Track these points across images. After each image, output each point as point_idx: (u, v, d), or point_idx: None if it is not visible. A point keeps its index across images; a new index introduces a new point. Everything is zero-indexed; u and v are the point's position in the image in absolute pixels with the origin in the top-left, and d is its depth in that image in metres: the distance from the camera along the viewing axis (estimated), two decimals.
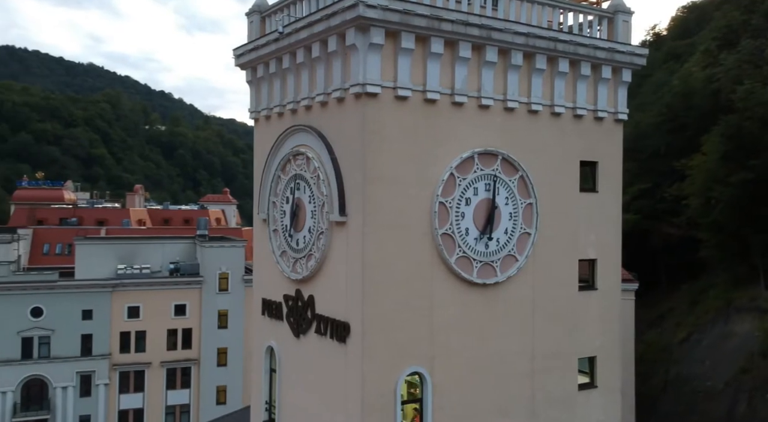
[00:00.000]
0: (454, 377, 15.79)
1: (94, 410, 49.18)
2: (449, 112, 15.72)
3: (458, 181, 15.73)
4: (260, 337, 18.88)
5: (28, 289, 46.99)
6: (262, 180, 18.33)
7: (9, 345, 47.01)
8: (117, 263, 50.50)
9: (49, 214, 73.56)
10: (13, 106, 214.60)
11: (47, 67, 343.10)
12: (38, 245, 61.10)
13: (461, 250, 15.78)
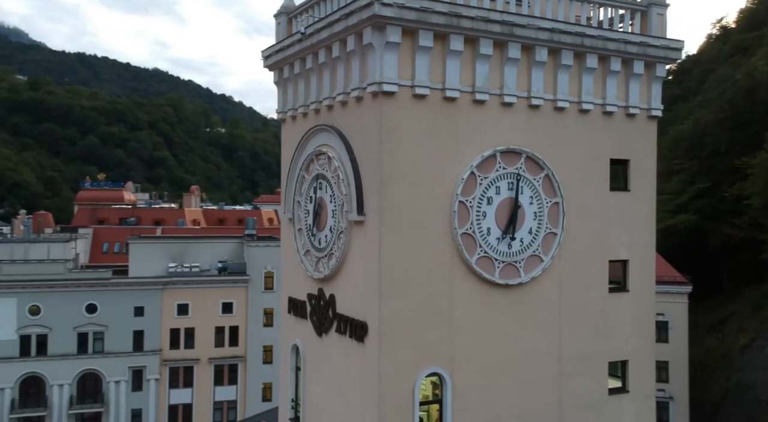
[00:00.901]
0: (475, 379, 15.58)
1: (145, 404, 50.80)
2: (470, 110, 15.52)
3: (479, 180, 15.52)
4: (286, 335, 19.12)
5: (83, 286, 48.95)
6: (288, 180, 18.55)
7: (66, 340, 49.08)
8: (168, 262, 52.03)
9: (109, 214, 76.43)
10: (82, 111, 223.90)
11: (115, 73, 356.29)
12: (98, 244, 63.55)
13: (482, 250, 15.56)
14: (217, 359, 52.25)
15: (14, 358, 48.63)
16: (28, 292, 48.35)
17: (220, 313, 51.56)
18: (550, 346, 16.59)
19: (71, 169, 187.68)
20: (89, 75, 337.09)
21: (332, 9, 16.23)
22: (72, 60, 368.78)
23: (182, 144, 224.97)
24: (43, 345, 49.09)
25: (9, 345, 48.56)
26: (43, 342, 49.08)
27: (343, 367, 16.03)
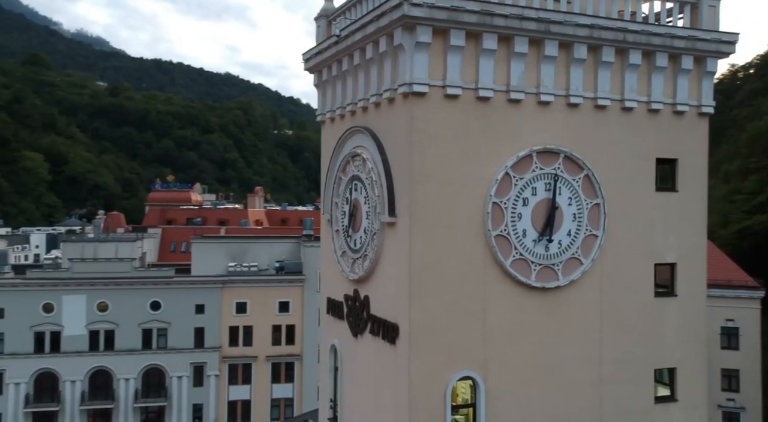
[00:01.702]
0: (510, 383, 15.31)
1: (206, 399, 52.32)
2: (504, 110, 15.26)
3: (514, 181, 15.23)
4: (326, 336, 19.29)
5: (148, 284, 50.90)
6: (326, 181, 18.72)
7: (131, 336, 51.14)
8: (228, 261, 53.41)
9: (177, 215, 79.20)
10: (157, 115, 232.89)
11: (189, 78, 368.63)
12: (166, 243, 65.93)
13: (518, 252, 15.26)
14: (274, 357, 53.28)
15: (84, 352, 51.05)
16: (97, 289, 50.70)
17: (276, 312, 52.57)
18: (590, 351, 16.11)
19: (147, 171, 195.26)
20: (165, 80, 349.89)
21: (366, 11, 16.27)
22: (149, 66, 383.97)
23: (251, 146, 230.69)
24: (111, 341, 51.34)
25: (79, 340, 51.03)
26: (111, 338, 51.33)
27: (376, 369, 16.04)
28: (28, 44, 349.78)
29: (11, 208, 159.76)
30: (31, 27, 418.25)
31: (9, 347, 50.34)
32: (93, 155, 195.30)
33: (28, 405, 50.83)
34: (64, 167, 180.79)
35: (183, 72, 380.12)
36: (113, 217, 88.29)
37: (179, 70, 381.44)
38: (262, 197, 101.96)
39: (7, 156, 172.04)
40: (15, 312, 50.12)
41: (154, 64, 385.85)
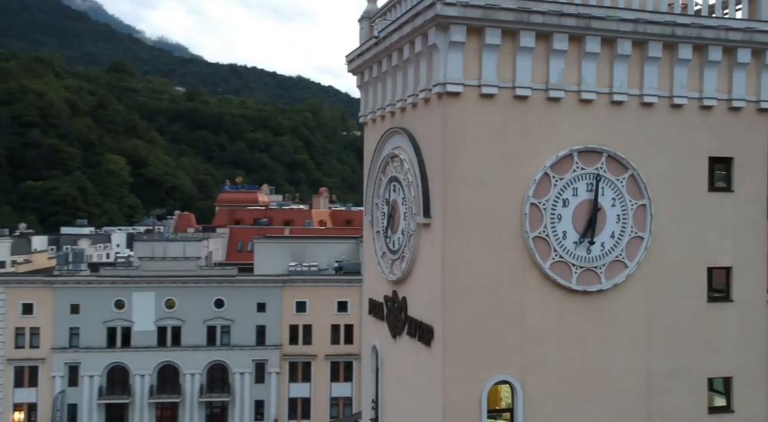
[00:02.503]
0: (550, 389, 14.93)
1: (267, 396, 53.44)
2: (543, 109, 14.90)
3: (554, 182, 14.85)
4: (367, 336, 19.38)
5: (212, 283, 52.52)
6: (367, 182, 18.79)
7: (197, 333, 52.85)
8: (289, 260, 54.41)
9: (245, 215, 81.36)
10: (231, 118, 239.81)
11: (262, 81, 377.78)
12: (234, 243, 67.83)
13: (557, 255, 14.87)
14: (333, 356, 53.88)
15: (152, 347, 53.17)
16: (165, 287, 52.72)
17: (335, 311, 53.12)
18: (637, 358, 15.51)
19: (221, 172, 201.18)
20: (240, 84, 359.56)
21: (404, 11, 16.23)
22: (225, 71, 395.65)
23: (320, 147, 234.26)
24: (177, 337, 53.24)
25: (148, 336, 53.16)
26: (177, 334, 53.24)
27: (413, 371, 15.98)
28: (113, 52, 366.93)
29: (95, 209, 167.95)
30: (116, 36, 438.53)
31: (84, 341, 53.03)
32: (171, 158, 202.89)
33: (101, 397, 53.34)
34: (144, 170, 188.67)
35: (257, 76, 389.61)
36: (184, 217, 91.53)
37: (253, 74, 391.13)
38: (327, 198, 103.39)
39: (92, 159, 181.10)
40: (89, 308, 52.76)
41: (230, 68, 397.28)
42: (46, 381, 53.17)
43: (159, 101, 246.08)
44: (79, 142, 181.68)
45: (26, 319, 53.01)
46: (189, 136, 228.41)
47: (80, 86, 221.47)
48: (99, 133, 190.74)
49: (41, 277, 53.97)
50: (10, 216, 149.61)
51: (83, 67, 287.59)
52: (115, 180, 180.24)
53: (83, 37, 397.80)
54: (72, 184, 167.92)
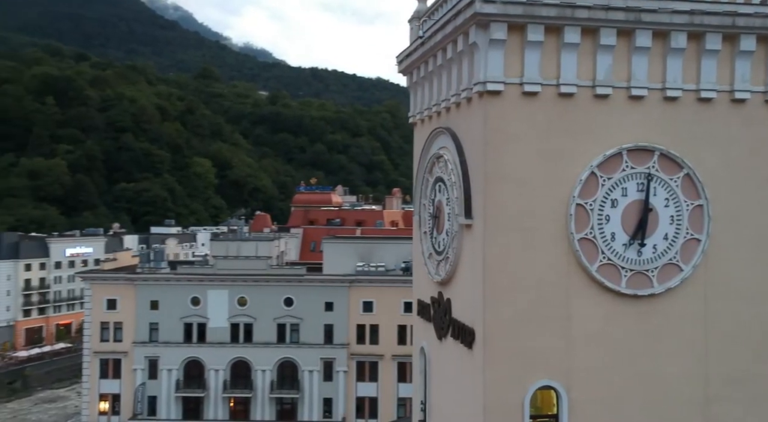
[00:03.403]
0: (598, 396, 14.43)
1: (335, 394, 54.19)
2: (590, 106, 14.41)
3: (601, 181, 14.34)
4: (416, 337, 19.32)
5: (282, 282, 53.75)
6: (416, 183, 18.76)
7: (267, 330, 54.24)
8: (357, 261, 54.95)
9: (318, 215, 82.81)
10: (311, 121, 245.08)
11: (342, 84, 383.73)
12: (307, 243, 69.23)
13: (605, 257, 14.36)
14: (400, 356, 53.90)
15: (226, 343, 55.01)
16: (237, 285, 54.46)
17: (402, 312, 53.09)
18: (694, 366, 14.75)
19: (301, 173, 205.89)
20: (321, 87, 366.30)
21: (447, 10, 16.11)
22: (306, 74, 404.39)
23: (397, 148, 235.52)
24: (249, 333, 54.90)
25: (222, 332, 55.06)
26: (249, 331, 54.89)
27: (456, 373, 15.83)
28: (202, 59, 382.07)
29: (183, 209, 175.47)
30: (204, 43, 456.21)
31: (162, 336, 55.52)
32: (253, 160, 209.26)
33: (179, 390, 55.65)
34: (228, 171, 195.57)
35: (337, 78, 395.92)
36: (260, 218, 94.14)
37: (333, 77, 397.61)
38: (401, 198, 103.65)
39: (180, 162, 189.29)
40: (168, 304, 55.19)
41: (311, 72, 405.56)
42: (128, 373, 56.02)
43: (243, 105, 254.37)
44: (168, 145, 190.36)
45: (110, 314, 56.12)
46: (271, 138, 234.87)
47: (170, 92, 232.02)
48: (187, 136, 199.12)
49: (124, 274, 56.90)
50: (105, 216, 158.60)
51: (174, 73, 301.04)
52: (201, 181, 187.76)
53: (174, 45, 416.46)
54: (162, 185, 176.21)
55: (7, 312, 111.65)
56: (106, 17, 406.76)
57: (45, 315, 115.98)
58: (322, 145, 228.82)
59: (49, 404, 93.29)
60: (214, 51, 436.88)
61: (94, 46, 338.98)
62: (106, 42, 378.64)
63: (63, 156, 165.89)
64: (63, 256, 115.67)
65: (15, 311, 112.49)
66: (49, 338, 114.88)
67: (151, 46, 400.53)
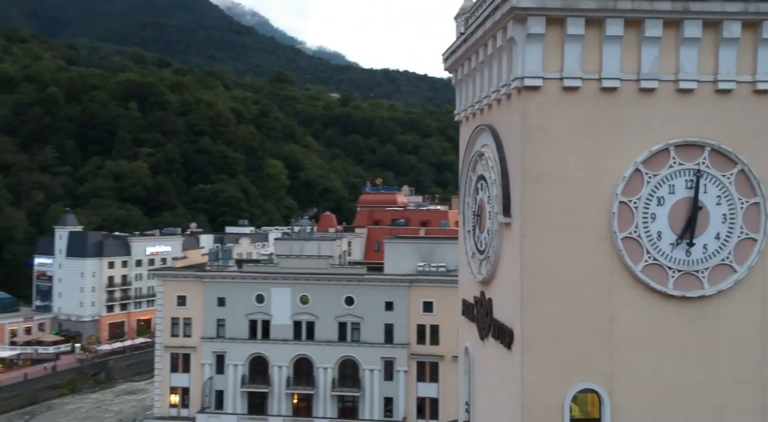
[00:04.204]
0: (642, 401, 13.90)
1: (396, 393, 54.18)
2: (634, 100, 13.91)
3: (646, 178, 13.82)
4: (461, 337, 19.15)
5: (342, 281, 54.23)
6: (460, 181, 18.60)
7: (329, 328, 54.88)
8: (418, 261, 54.83)
9: (384, 216, 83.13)
10: (381, 122, 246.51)
11: (414, 85, 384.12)
12: (371, 242, 69.65)
13: (651, 257, 13.81)
14: None
15: (289, 340, 56.04)
16: (299, 283, 55.36)
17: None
18: (749, 373, 13.99)
19: (370, 174, 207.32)
20: (392, 88, 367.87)
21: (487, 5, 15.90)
22: (378, 76, 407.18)
23: None
24: (311, 331, 55.68)
25: (285, 329, 56.10)
26: (311, 329, 55.68)
27: (497, 374, 15.58)
28: (276, 63, 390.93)
29: (256, 210, 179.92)
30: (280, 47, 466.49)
31: (229, 332, 57.10)
32: (324, 161, 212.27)
33: (244, 385, 57.08)
34: (300, 173, 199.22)
35: (408, 79, 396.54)
36: (325, 218, 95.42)
37: (405, 78, 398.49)
38: None
39: (254, 164, 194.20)
40: (234, 301, 56.72)
41: (383, 73, 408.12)
42: (197, 367, 57.89)
43: (315, 107, 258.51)
44: (243, 147, 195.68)
45: (180, 310, 58.21)
46: (341, 139, 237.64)
47: (245, 96, 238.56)
48: (260, 139, 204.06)
49: (192, 272, 58.88)
50: (183, 216, 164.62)
51: (250, 78, 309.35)
52: (274, 183, 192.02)
53: (251, 50, 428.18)
54: (237, 186, 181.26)
55: (92, 308, 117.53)
56: (187, 25, 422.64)
57: (126, 310, 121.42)
58: (392, 145, 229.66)
59: (129, 396, 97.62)
60: (288, 55, 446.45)
61: (176, 53, 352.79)
62: (187, 49, 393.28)
63: (145, 158, 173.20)
64: (143, 254, 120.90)
65: (99, 306, 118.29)
66: (130, 333, 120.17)
67: (229, 51, 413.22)
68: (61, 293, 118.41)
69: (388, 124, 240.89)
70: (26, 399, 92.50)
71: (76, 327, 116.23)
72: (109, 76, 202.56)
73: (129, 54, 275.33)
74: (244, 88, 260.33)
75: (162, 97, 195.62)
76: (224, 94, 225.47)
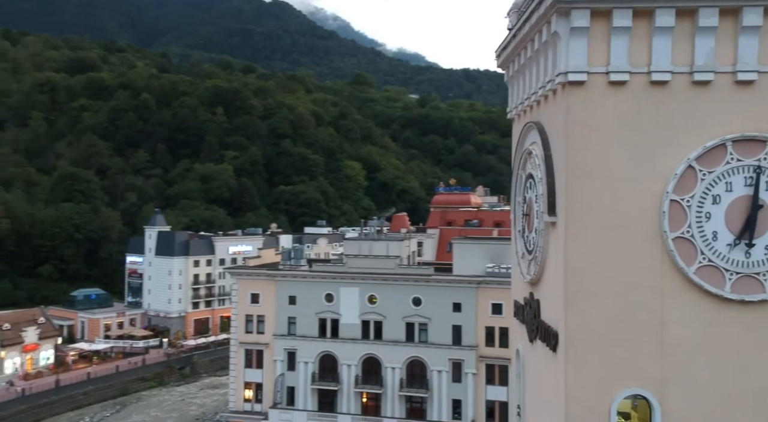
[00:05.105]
0: (696, 410, 13.23)
1: (464, 396, 53.53)
2: (687, 94, 13.25)
3: (700, 175, 13.15)
4: (512, 340, 18.77)
5: (409, 281, 54.09)
6: (512, 179, 18.26)
7: (396, 328, 54.88)
8: (487, 262, 54.02)
9: (457, 216, 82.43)
10: (460, 122, 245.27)
11: (495, 84, 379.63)
12: (443, 243, 69.24)
13: (706, 258, 13.13)
14: None
15: (357, 340, 56.46)
16: (367, 283, 55.73)
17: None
18: None
19: (448, 175, 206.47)
20: (472, 88, 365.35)
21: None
22: (458, 76, 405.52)
23: None
24: (379, 331, 55.88)
25: (354, 328, 56.58)
26: (379, 328, 55.87)
27: (543, 378, 15.21)
28: (357, 66, 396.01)
29: (335, 211, 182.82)
30: (360, 50, 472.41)
31: (300, 330, 58.18)
32: (401, 162, 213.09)
33: (314, 382, 57.96)
34: (378, 174, 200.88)
35: (488, 78, 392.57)
36: (398, 219, 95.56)
37: (485, 77, 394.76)
38: None
39: (333, 165, 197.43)
40: (304, 300, 57.75)
41: (463, 73, 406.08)
42: (270, 364, 59.31)
43: (393, 109, 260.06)
44: (322, 149, 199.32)
45: (254, 307, 59.87)
46: (419, 140, 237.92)
47: (325, 99, 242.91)
48: (339, 141, 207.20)
49: (265, 271, 60.41)
50: (265, 216, 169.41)
51: (330, 81, 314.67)
52: (352, 184, 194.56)
53: (333, 53, 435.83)
54: (316, 188, 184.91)
55: (179, 304, 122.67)
56: (272, 31, 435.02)
57: (210, 307, 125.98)
58: (470, 146, 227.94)
59: (212, 390, 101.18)
60: (369, 57, 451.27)
61: (262, 59, 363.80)
62: (272, 54, 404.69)
63: (230, 161, 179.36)
64: (226, 254, 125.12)
65: (185, 303, 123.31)
66: (214, 329, 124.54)
67: (312, 55, 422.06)
68: (151, 290, 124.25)
69: (467, 124, 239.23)
70: (118, 391, 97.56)
71: (164, 323, 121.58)
72: (197, 83, 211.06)
73: (217, 61, 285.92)
74: (324, 91, 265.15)
75: (246, 101, 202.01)
76: (305, 98, 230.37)
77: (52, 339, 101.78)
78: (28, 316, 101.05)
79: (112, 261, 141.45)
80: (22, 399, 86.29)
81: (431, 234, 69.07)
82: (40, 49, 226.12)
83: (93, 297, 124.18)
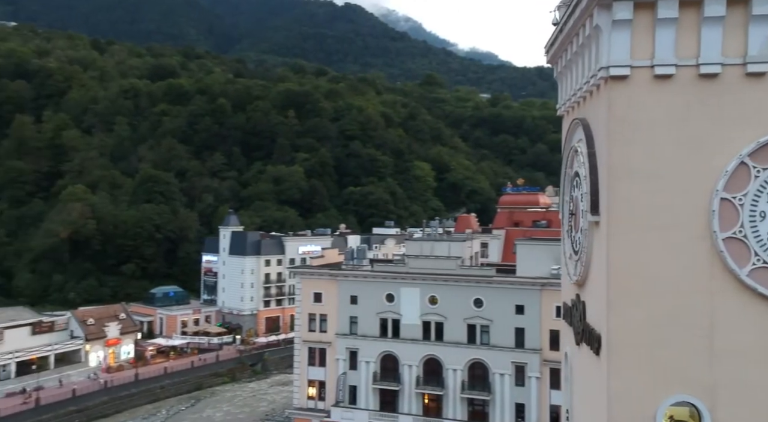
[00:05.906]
0: (749, 418, 12.58)
1: (527, 400, 52.28)
2: (739, 87, 12.62)
3: (754, 173, 12.51)
4: (562, 342, 18.30)
5: (471, 282, 53.34)
6: (561, 178, 17.82)
7: (457, 330, 54.25)
8: (552, 263, 52.62)
9: (524, 217, 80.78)
10: (533, 121, 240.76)
11: None
12: (509, 244, 68.01)
13: (760, 260, 12.49)
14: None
15: (418, 340, 56.17)
16: (428, 284, 55.36)
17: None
18: None
19: (519, 175, 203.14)
20: (546, 86, 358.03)
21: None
22: (531, 74, 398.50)
23: None
24: (440, 332, 55.36)
25: (415, 329, 56.30)
26: (440, 329, 55.35)
27: (588, 382, 14.78)
28: (428, 66, 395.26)
29: (403, 211, 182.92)
30: (431, 51, 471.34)
31: (361, 329, 58.39)
32: (471, 163, 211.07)
33: (376, 381, 58.03)
34: (447, 174, 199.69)
35: None
36: (463, 219, 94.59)
37: None
38: None
39: (402, 166, 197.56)
40: (366, 299, 57.94)
41: (537, 71, 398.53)
42: (332, 362, 59.84)
43: (464, 109, 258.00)
44: (391, 150, 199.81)
45: (317, 306, 60.57)
46: (490, 140, 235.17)
47: (395, 100, 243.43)
48: (408, 141, 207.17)
49: (327, 270, 61.03)
50: (335, 217, 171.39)
51: (401, 82, 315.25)
52: (421, 184, 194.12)
53: (404, 55, 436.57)
54: (385, 189, 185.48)
55: (251, 302, 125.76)
56: (344, 34, 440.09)
57: (281, 306, 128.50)
58: (543, 145, 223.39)
59: (281, 386, 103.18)
60: (440, 58, 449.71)
61: (334, 62, 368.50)
62: (345, 57, 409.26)
63: (301, 163, 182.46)
64: (296, 253, 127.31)
65: (257, 301, 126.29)
66: (284, 327, 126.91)
67: (383, 57, 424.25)
68: (225, 288, 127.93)
69: (540, 123, 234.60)
70: (193, 385, 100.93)
71: (237, 320, 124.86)
72: (270, 87, 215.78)
73: (291, 65, 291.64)
74: (394, 92, 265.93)
75: (317, 104, 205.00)
76: (375, 99, 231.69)
77: (132, 335, 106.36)
78: (111, 312, 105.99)
79: (189, 260, 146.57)
80: (104, 390, 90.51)
81: (497, 235, 68.00)
82: (124, 58, 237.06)
83: (171, 294, 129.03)
